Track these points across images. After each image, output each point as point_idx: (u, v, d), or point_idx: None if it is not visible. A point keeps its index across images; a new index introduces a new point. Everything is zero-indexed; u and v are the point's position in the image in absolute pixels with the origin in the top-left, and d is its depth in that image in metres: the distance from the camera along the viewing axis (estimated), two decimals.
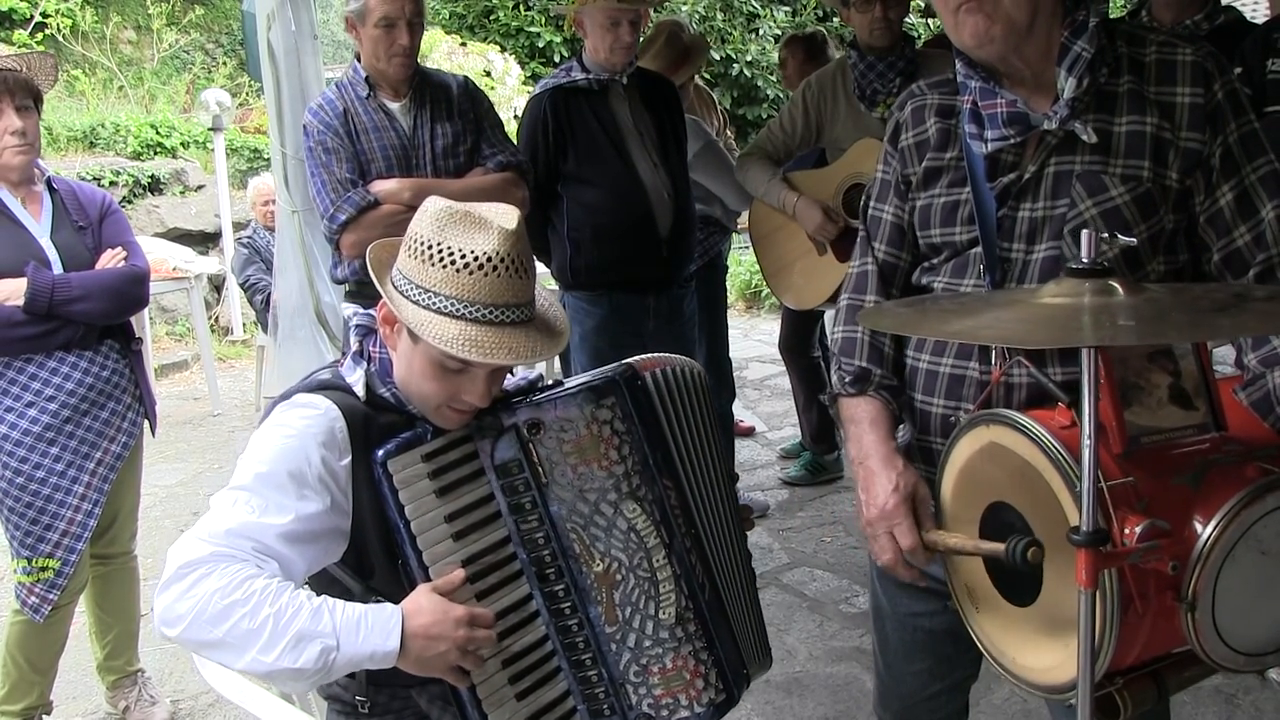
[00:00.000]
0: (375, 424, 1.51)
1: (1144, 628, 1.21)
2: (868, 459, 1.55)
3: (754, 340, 7.91)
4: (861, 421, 1.60)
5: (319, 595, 1.37)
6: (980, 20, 1.40)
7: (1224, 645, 1.21)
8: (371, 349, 1.58)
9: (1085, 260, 1.19)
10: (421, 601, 1.41)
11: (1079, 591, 1.14)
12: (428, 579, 1.47)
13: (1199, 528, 1.19)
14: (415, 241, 1.46)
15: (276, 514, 1.40)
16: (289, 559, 1.41)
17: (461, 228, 1.44)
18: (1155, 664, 1.29)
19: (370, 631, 1.35)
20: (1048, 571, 1.28)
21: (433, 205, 1.47)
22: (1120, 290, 1.16)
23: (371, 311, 1.58)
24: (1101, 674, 1.22)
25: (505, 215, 1.47)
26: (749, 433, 5.50)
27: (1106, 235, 1.25)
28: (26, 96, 2.57)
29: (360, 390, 1.53)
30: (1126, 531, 1.17)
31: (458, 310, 1.42)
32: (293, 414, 1.49)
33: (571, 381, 1.58)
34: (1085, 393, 1.13)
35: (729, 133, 5.11)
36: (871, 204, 1.72)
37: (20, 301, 2.52)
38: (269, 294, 4.49)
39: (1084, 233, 1.21)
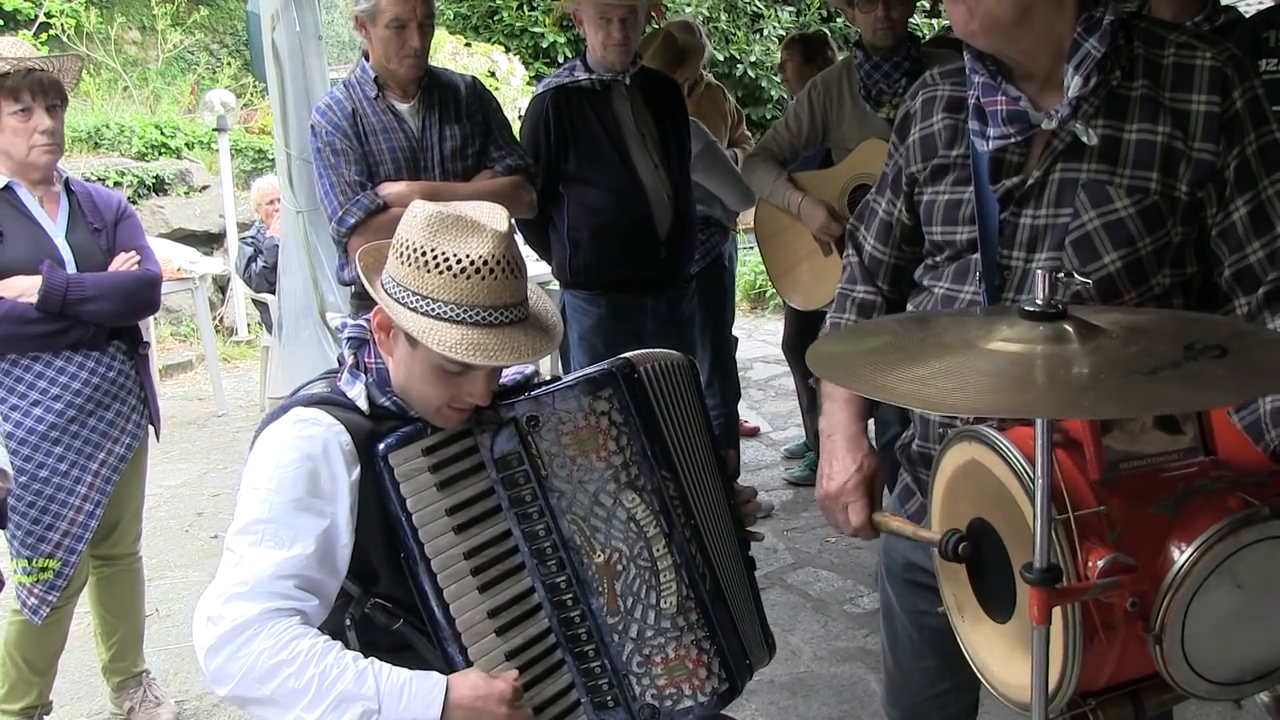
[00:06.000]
0: (379, 435, 1.51)
1: (1112, 655, 1.18)
2: (834, 434, 1.62)
3: (758, 340, 7.89)
4: (835, 399, 1.66)
5: (367, 656, 1.41)
6: (961, 12, 1.38)
7: (1194, 674, 1.17)
8: (367, 360, 1.58)
9: (1040, 303, 1.13)
10: (468, 675, 1.44)
11: (1031, 627, 1.11)
12: (430, 572, 1.48)
13: (1175, 554, 1.14)
14: (406, 247, 1.46)
15: (303, 541, 1.43)
16: (326, 584, 1.46)
17: (453, 232, 1.45)
18: (1133, 685, 1.24)
19: (413, 698, 1.37)
20: (1020, 591, 1.24)
21: (420, 210, 1.48)
22: (1073, 336, 1.10)
23: (361, 322, 1.59)
24: (1065, 700, 1.18)
25: (495, 217, 1.49)
26: (753, 433, 5.49)
27: (1062, 275, 1.18)
28: (55, 97, 2.61)
29: (363, 404, 1.54)
30: (1089, 564, 1.12)
31: (457, 315, 1.44)
32: (291, 432, 1.48)
33: (568, 376, 1.60)
34: (1039, 455, 1.09)
35: (744, 130, 5.06)
36: (871, 194, 1.73)
37: (34, 299, 2.53)
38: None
39: (1039, 272, 1.14)
